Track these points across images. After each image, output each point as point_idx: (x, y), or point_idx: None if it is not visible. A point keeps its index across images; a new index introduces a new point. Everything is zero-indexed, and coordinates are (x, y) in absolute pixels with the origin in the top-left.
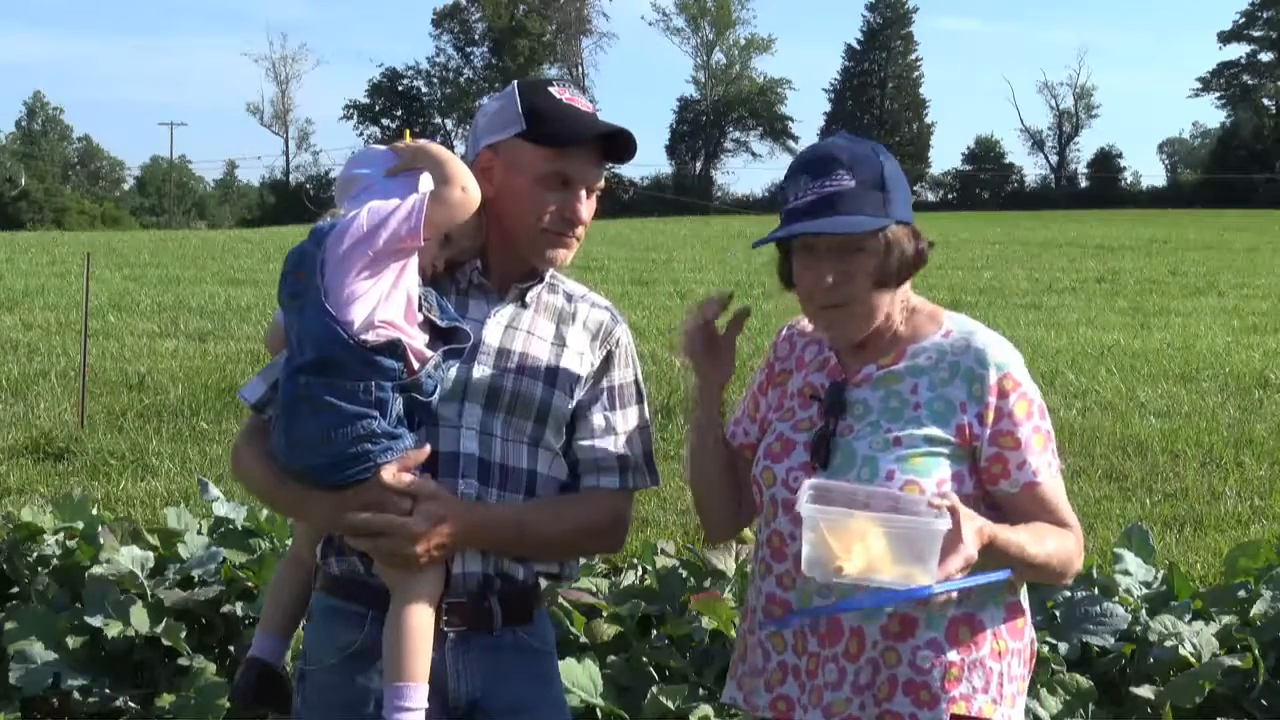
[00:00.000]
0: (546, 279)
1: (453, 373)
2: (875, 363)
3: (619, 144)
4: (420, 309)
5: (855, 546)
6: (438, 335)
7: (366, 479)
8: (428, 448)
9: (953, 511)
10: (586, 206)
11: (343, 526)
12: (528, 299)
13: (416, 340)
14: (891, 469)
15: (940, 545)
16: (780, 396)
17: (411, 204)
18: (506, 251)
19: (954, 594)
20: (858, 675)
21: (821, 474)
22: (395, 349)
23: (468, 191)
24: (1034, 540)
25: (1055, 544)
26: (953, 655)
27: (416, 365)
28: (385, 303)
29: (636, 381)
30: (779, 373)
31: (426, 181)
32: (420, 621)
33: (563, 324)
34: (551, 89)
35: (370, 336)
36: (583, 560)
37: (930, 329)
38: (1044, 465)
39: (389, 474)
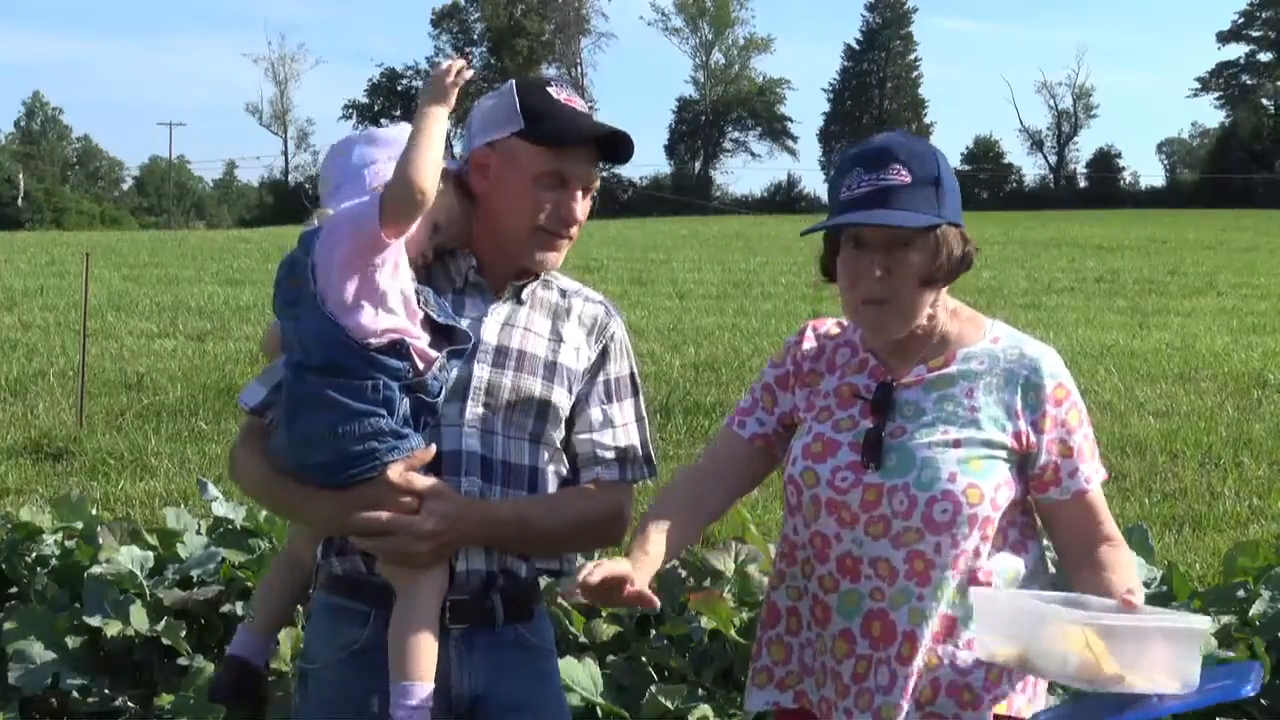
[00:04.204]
0: (541, 275)
1: (454, 372)
2: (925, 364)
3: (615, 145)
4: (418, 305)
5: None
6: (436, 333)
7: (372, 477)
8: (434, 448)
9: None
10: (580, 206)
11: (349, 525)
12: (523, 296)
13: (420, 340)
14: (953, 471)
15: (1199, 647)
16: (811, 397)
17: (363, 209)
18: (501, 249)
19: None
20: (908, 682)
21: (874, 474)
22: (399, 349)
23: (415, 181)
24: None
25: (1138, 580)
26: None
27: (421, 365)
28: (384, 303)
29: (632, 374)
30: (807, 373)
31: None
32: (426, 620)
33: (558, 320)
34: (550, 89)
35: (374, 340)
36: (580, 560)
37: (975, 333)
38: (1094, 473)
39: (396, 472)
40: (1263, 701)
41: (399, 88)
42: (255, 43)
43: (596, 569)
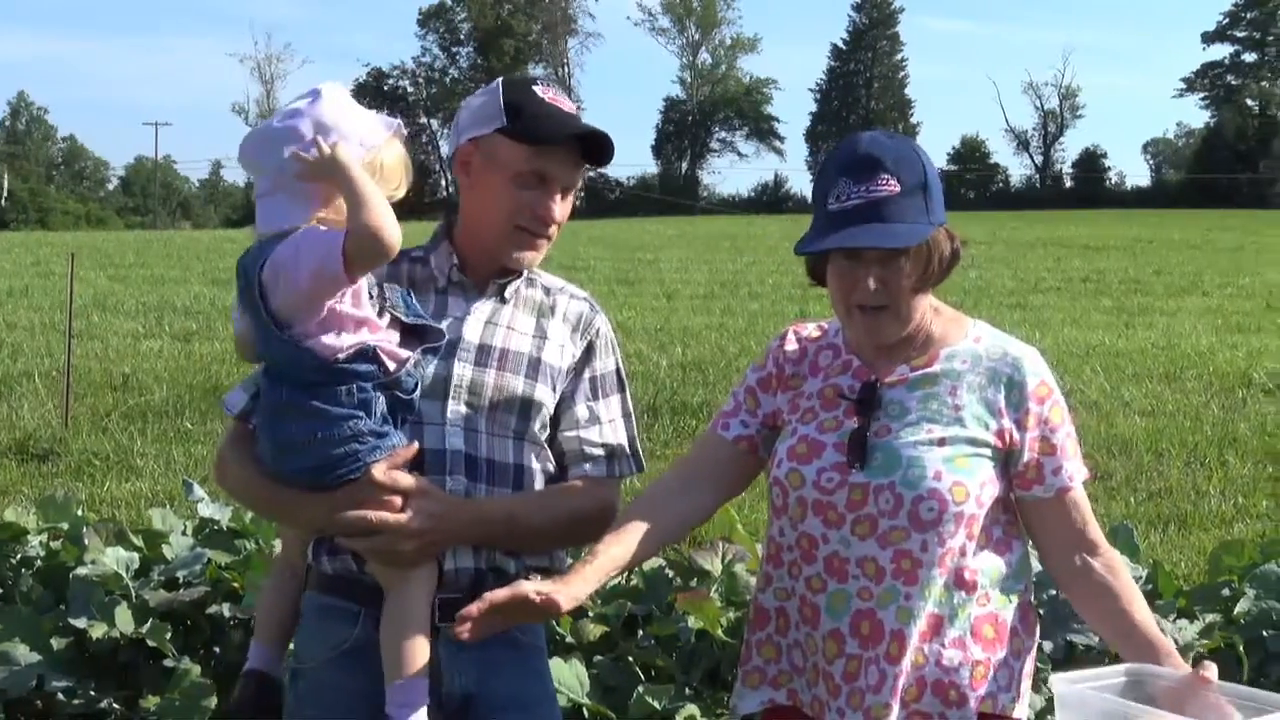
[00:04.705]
0: (525, 273)
1: (432, 369)
2: (908, 364)
3: (597, 146)
4: (385, 305)
5: None
6: (410, 333)
7: (357, 478)
8: (415, 445)
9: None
10: (560, 207)
11: (336, 526)
12: (507, 294)
13: (387, 341)
14: (939, 469)
15: None
16: (795, 399)
17: (326, 253)
18: (481, 247)
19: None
20: (896, 680)
21: (860, 474)
22: (365, 354)
23: (381, 234)
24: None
25: (1147, 607)
26: (979, 653)
27: (392, 366)
28: (347, 327)
29: (618, 370)
30: (790, 376)
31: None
32: (416, 619)
33: (543, 317)
34: (535, 87)
35: (340, 355)
36: (570, 560)
37: (958, 333)
38: (1076, 471)
39: (380, 471)
40: None
41: (385, 88)
42: (242, 42)
43: (477, 603)
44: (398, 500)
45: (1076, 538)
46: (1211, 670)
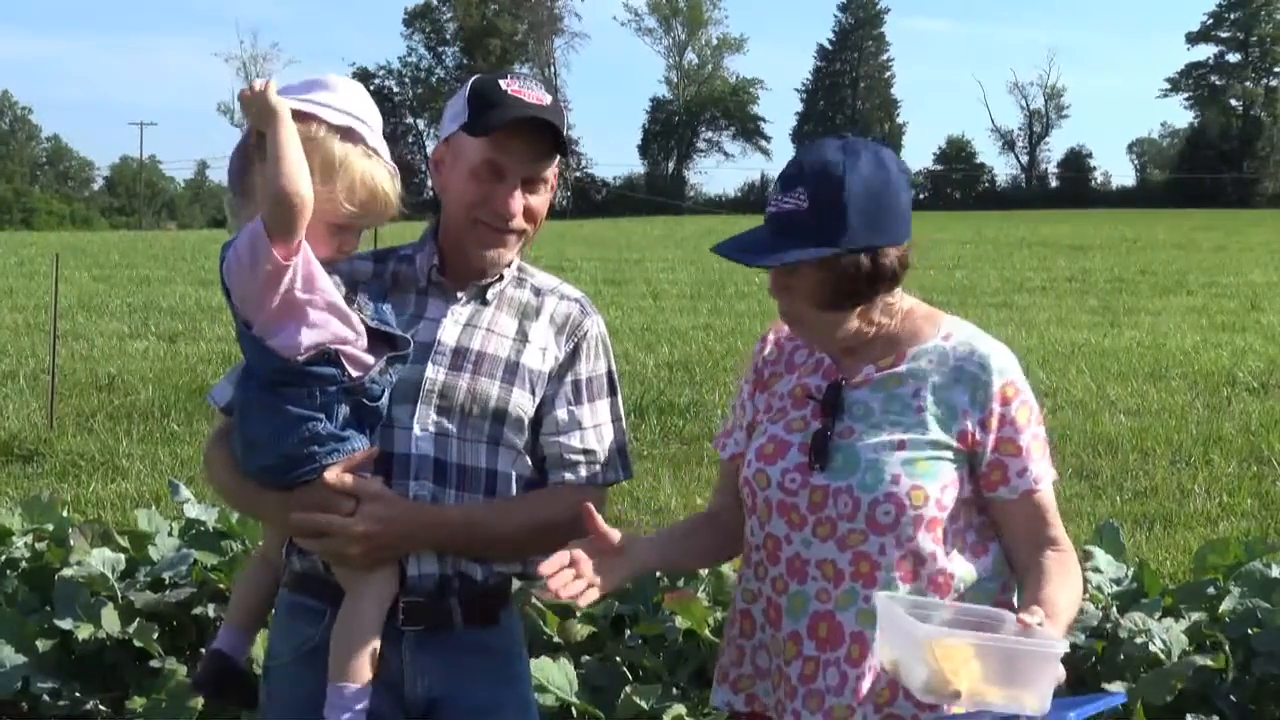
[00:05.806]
0: (514, 274)
1: (395, 376)
2: (874, 364)
3: (557, 134)
4: (352, 310)
5: (962, 670)
6: (383, 340)
7: (314, 479)
8: (375, 449)
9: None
10: (520, 200)
11: (290, 526)
12: (489, 296)
13: (352, 345)
14: (897, 473)
15: (1055, 670)
16: (769, 399)
17: (252, 233)
18: (456, 246)
19: None
20: (859, 682)
21: (820, 476)
22: (327, 357)
23: (285, 195)
24: (1069, 604)
25: (1072, 594)
26: None
27: (355, 372)
28: (306, 319)
29: (608, 374)
30: (768, 376)
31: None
32: (365, 623)
33: (526, 319)
34: (502, 81)
35: (300, 355)
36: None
37: (929, 331)
38: (1043, 473)
39: (333, 474)
40: (1231, 698)
41: (371, 87)
42: (227, 42)
43: (545, 566)
44: (349, 503)
45: (1038, 537)
46: (1033, 615)
